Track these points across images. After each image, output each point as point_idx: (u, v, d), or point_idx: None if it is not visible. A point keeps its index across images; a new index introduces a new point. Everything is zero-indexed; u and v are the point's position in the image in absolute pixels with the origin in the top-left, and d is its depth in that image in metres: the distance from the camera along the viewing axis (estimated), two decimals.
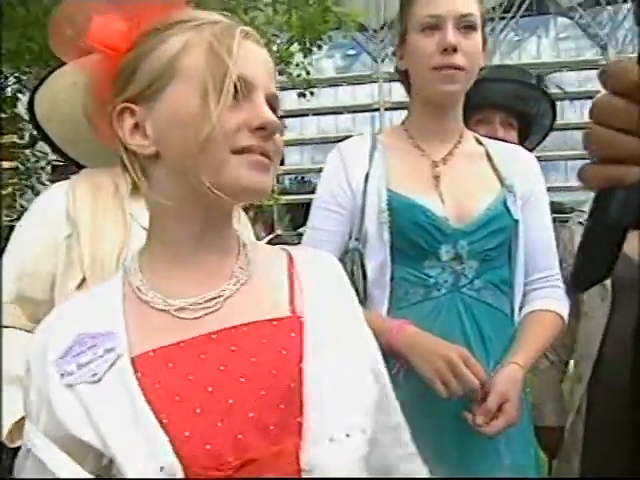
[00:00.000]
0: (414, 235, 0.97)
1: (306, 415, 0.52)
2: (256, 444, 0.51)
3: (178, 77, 0.55)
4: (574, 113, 27.40)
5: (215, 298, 0.58)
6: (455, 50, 0.95)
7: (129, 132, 0.57)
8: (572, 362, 1.49)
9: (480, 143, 1.10)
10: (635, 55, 0.35)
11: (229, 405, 0.52)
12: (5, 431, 0.83)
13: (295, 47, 6.04)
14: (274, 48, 6.05)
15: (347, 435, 0.53)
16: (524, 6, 25.96)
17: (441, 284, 0.98)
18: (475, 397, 0.89)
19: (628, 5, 26.49)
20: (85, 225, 0.92)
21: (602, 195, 0.38)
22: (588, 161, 0.40)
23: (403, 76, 1.09)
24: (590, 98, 27.09)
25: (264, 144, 0.56)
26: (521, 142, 1.42)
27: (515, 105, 1.45)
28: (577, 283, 0.41)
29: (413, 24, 1.00)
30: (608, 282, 1.26)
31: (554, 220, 1.13)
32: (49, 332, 0.58)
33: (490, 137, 1.16)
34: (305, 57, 6.07)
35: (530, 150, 1.17)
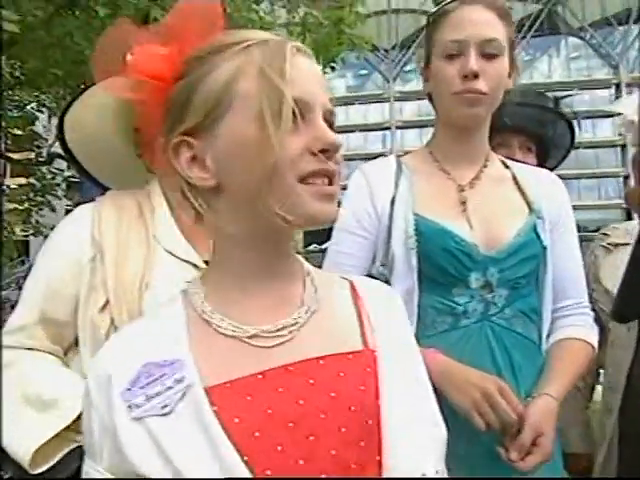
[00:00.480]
0: (443, 261, 0.95)
1: (385, 453, 0.51)
2: None
3: (234, 106, 0.54)
4: (586, 132, 27.33)
5: (288, 326, 0.57)
6: (477, 76, 0.95)
7: (187, 165, 0.56)
8: (599, 388, 1.45)
9: (506, 166, 1.09)
10: None
11: (310, 442, 0.51)
12: (28, 457, 0.82)
13: None
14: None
15: (423, 474, 0.52)
16: (535, 26, 26.14)
17: (470, 312, 0.95)
18: (509, 429, 0.86)
19: (639, 26, 26.58)
20: (109, 248, 0.92)
21: None
22: (625, 180, 0.38)
23: (429, 98, 1.09)
24: (601, 117, 27.06)
25: (328, 166, 0.55)
26: (539, 165, 1.40)
27: (534, 129, 1.44)
28: (622, 314, 0.39)
29: (437, 49, 1.00)
30: None
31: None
32: (111, 362, 0.55)
33: (511, 158, 1.15)
34: None
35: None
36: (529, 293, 1.00)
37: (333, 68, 6.15)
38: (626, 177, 25.78)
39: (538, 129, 1.45)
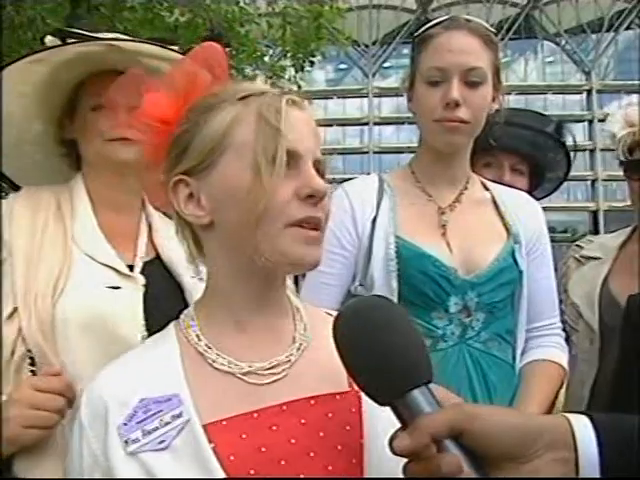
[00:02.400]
0: (422, 285, 0.96)
1: None
2: None
3: (229, 151, 0.57)
4: None
5: (282, 364, 0.58)
6: (458, 105, 0.95)
7: (184, 202, 0.60)
8: (561, 398, 1.48)
9: (486, 188, 1.10)
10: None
11: None
12: None
13: (288, 62, 6.06)
14: (266, 60, 6.07)
15: None
16: (513, 29, 26.57)
17: (448, 336, 0.96)
18: None
19: (612, 34, 27.36)
20: (20, 250, 0.85)
21: None
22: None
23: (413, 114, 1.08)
24: (574, 122, 27.80)
25: (315, 213, 0.57)
26: (531, 190, 1.40)
27: (528, 152, 1.43)
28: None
29: (420, 74, 1.00)
30: (596, 325, 1.24)
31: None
32: (106, 395, 0.56)
33: (497, 181, 1.15)
34: (297, 72, 6.10)
35: (538, 199, 1.16)
36: (505, 315, 1.02)
37: (312, 63, 6.11)
38: (594, 181, 26.62)
39: (532, 152, 1.43)
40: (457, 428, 0.45)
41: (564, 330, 1.15)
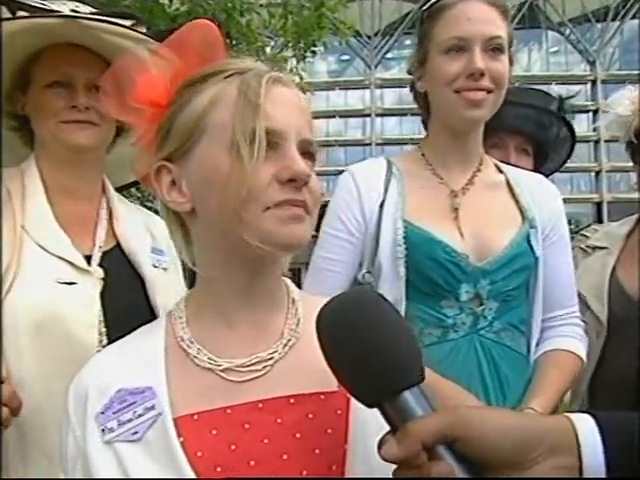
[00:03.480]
0: (432, 272, 0.91)
1: None
2: None
3: (207, 133, 0.55)
4: None
5: (263, 361, 0.56)
6: (483, 74, 0.90)
7: (166, 189, 0.57)
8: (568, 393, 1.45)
9: (500, 171, 1.05)
10: None
11: None
12: None
13: (289, 52, 6.01)
14: (267, 51, 6.00)
15: None
16: (517, 19, 26.31)
17: (459, 325, 0.92)
18: None
19: (617, 23, 27.07)
20: None
21: None
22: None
23: (421, 98, 1.03)
24: (578, 112, 27.59)
25: (296, 196, 0.54)
26: (535, 169, 1.36)
27: (533, 131, 1.39)
28: None
29: (436, 45, 0.94)
30: (604, 318, 1.21)
31: None
32: (89, 383, 0.56)
33: (502, 162, 1.11)
34: (298, 63, 6.04)
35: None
36: (519, 305, 0.97)
37: (314, 52, 6.05)
38: (598, 172, 26.45)
39: (535, 131, 1.40)
40: (450, 434, 0.41)
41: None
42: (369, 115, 27.47)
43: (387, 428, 0.46)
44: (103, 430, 0.53)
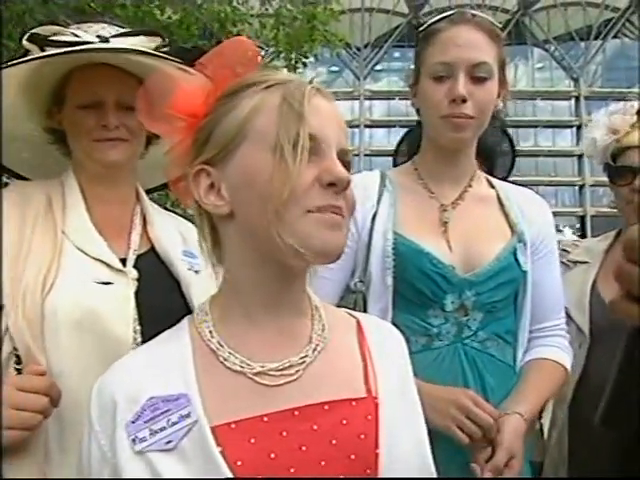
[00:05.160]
0: (419, 283, 0.94)
1: None
2: None
3: (250, 138, 0.56)
4: (546, 141, 28.33)
5: (295, 365, 0.57)
6: (464, 101, 0.93)
7: (204, 192, 0.58)
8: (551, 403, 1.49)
9: (492, 186, 1.08)
10: None
11: None
12: None
13: (280, 63, 6.05)
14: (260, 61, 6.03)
15: None
16: (503, 35, 26.78)
17: (444, 335, 0.94)
18: (490, 434, 0.87)
19: (599, 42, 27.74)
20: (8, 247, 0.82)
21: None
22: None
23: (417, 112, 1.07)
24: (562, 127, 28.16)
25: (336, 201, 0.55)
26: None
27: None
28: (607, 421, 0.38)
29: (426, 69, 0.98)
30: (586, 328, 1.26)
31: None
32: (116, 390, 0.55)
33: None
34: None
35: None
36: (505, 316, 1.00)
37: (305, 64, 6.11)
38: (581, 186, 26.92)
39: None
40: None
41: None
42: (358, 126, 27.67)
43: (416, 430, 0.50)
44: (134, 440, 0.52)
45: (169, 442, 0.51)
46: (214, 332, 0.58)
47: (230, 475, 0.50)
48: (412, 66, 1.05)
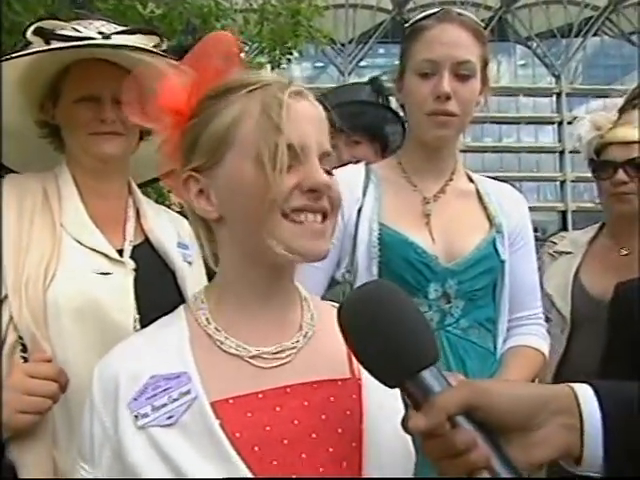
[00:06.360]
0: (403, 271, 0.97)
1: (364, 473, 0.56)
2: None
3: (234, 147, 0.58)
4: (529, 137, 28.70)
5: (288, 349, 0.60)
6: (449, 98, 0.96)
7: (195, 197, 0.61)
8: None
9: (471, 180, 1.12)
10: None
11: (302, 459, 0.55)
12: None
13: (264, 58, 6.03)
14: (242, 56, 6.00)
15: None
16: (486, 32, 27.01)
17: None
18: None
19: (580, 40, 28.13)
20: (8, 238, 0.84)
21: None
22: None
23: (401, 107, 1.10)
24: (543, 124, 28.55)
25: (314, 203, 0.58)
26: (384, 156, 1.41)
27: (347, 123, 1.35)
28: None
29: (411, 65, 1.01)
30: (568, 315, 1.31)
31: None
32: (118, 371, 0.58)
33: (341, 163, 1.16)
34: (273, 69, 6.07)
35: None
36: (486, 304, 1.04)
37: (289, 60, 6.09)
38: (563, 182, 27.35)
39: (350, 121, 1.40)
40: (473, 405, 0.46)
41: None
42: None
43: (395, 409, 0.52)
44: (136, 416, 0.54)
45: (170, 417, 0.54)
46: (210, 318, 0.61)
47: (229, 445, 0.52)
48: (397, 62, 1.08)
